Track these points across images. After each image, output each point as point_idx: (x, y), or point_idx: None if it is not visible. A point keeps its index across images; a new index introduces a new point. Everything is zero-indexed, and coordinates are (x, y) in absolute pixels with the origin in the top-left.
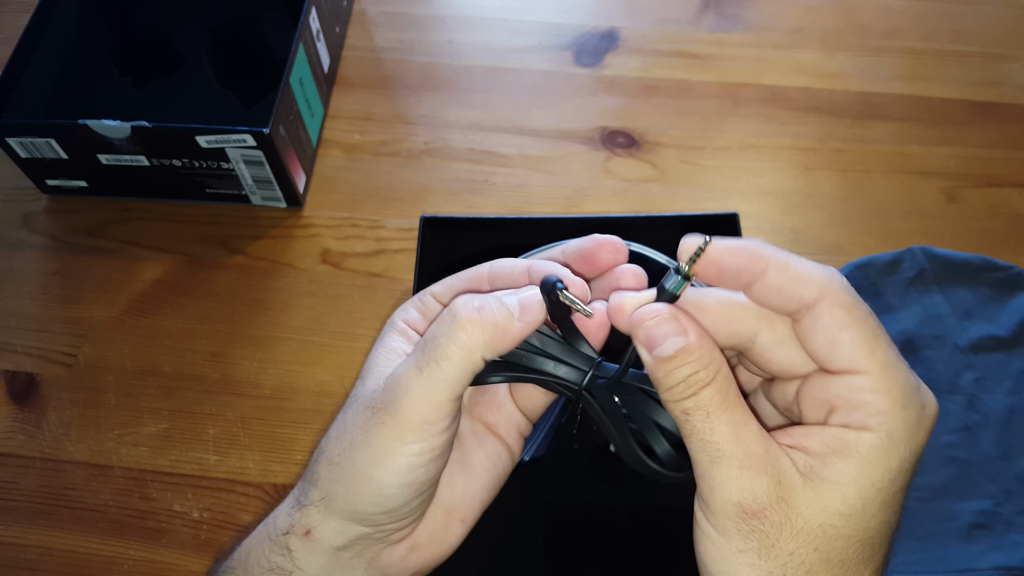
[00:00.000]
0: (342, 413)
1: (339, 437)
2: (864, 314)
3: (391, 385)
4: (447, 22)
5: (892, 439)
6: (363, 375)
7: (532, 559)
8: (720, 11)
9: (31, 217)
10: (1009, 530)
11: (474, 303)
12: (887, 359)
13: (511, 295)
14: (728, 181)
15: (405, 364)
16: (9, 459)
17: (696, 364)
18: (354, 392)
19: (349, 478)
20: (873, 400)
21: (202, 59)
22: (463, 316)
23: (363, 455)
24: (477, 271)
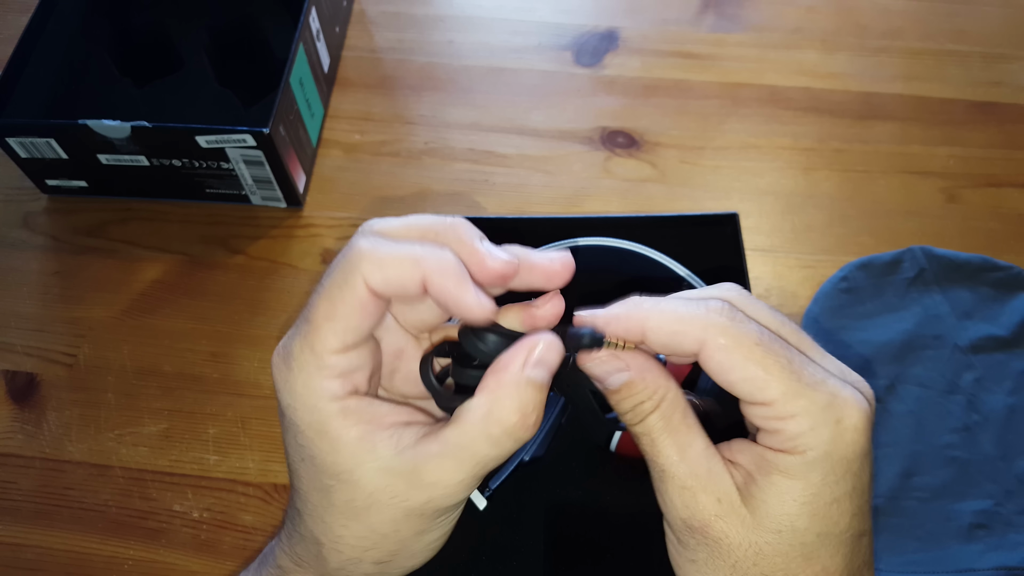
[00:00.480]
0: (345, 517)
1: (379, 545)
2: (750, 347)
3: (440, 494)
4: (447, 22)
5: (807, 460)
6: (317, 470)
7: (532, 559)
8: (720, 11)
9: (31, 217)
10: (1009, 530)
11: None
12: (784, 386)
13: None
14: (728, 181)
15: (447, 473)
16: (9, 459)
17: (639, 396)
18: (318, 488)
19: (410, 561)
20: (781, 427)
21: (202, 59)
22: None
23: (421, 542)
24: (347, 286)
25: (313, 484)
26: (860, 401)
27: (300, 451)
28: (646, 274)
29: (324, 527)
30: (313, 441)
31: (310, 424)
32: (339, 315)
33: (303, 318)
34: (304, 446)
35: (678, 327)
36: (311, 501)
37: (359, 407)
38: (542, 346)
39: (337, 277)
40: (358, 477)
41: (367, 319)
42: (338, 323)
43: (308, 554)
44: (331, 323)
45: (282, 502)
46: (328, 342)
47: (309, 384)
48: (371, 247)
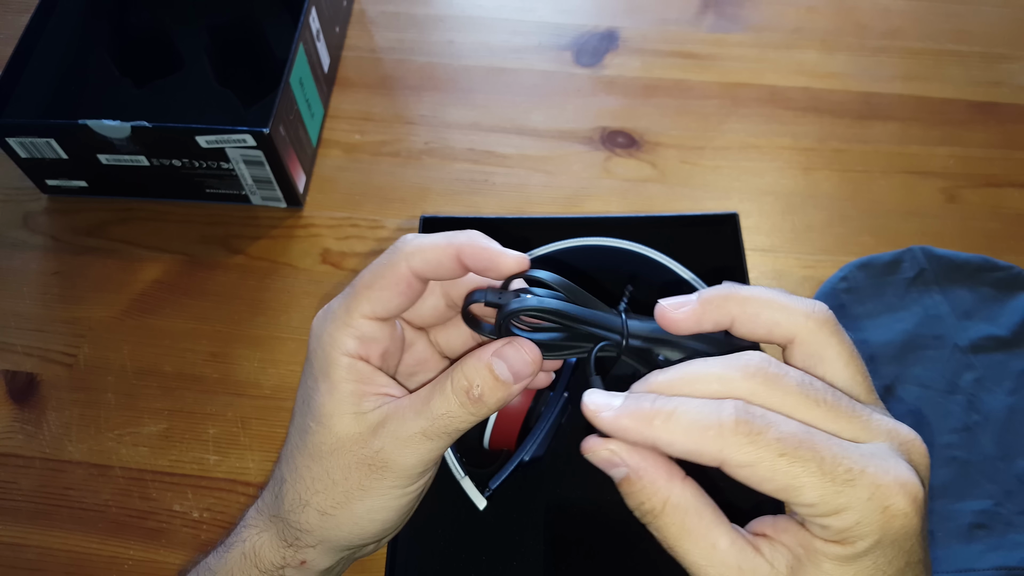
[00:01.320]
0: (310, 458)
1: (327, 490)
2: (774, 459)
3: (394, 447)
4: (447, 22)
5: (857, 548)
6: (308, 411)
7: (532, 559)
8: (720, 11)
9: (31, 217)
10: (1009, 530)
11: (475, 391)
12: (822, 490)
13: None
14: (728, 181)
15: (405, 427)
16: (9, 459)
17: (639, 496)
18: (301, 429)
19: (350, 524)
20: (827, 523)
21: (202, 59)
22: (470, 405)
23: (363, 505)
24: (395, 274)
25: (298, 425)
26: (906, 480)
27: (304, 391)
28: (646, 274)
29: (291, 466)
30: (316, 381)
31: (320, 367)
32: (377, 286)
33: (350, 285)
34: (309, 386)
35: (693, 447)
36: (291, 441)
37: (363, 370)
38: (512, 345)
39: (384, 258)
40: (335, 423)
41: (399, 297)
42: (374, 292)
43: (270, 495)
44: (369, 291)
45: None
46: (361, 306)
47: (333, 335)
48: (414, 237)
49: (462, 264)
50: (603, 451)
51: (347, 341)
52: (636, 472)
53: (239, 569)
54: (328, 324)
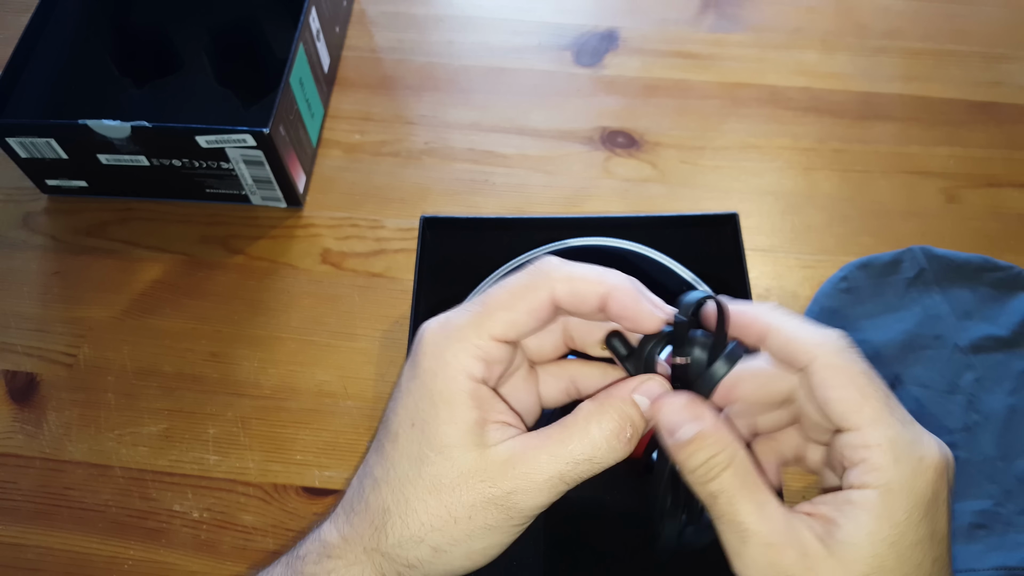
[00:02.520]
0: (427, 492)
1: (445, 528)
2: (856, 373)
3: (527, 490)
4: (447, 22)
5: (891, 493)
6: (424, 438)
7: (532, 559)
8: (720, 11)
9: (31, 217)
10: (1009, 530)
11: (626, 434)
12: (877, 414)
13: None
14: (728, 181)
15: (540, 469)
16: (9, 459)
17: (713, 447)
18: (415, 458)
19: (462, 559)
20: (867, 456)
21: (202, 59)
22: (618, 445)
23: (483, 543)
24: (537, 300)
25: (408, 452)
26: (940, 446)
27: (415, 414)
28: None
29: (401, 497)
30: (436, 407)
31: (441, 392)
32: (515, 309)
33: (477, 301)
34: (423, 410)
35: (797, 335)
36: (398, 469)
37: (485, 395)
38: (651, 381)
39: (526, 279)
40: (458, 455)
41: (534, 323)
42: (510, 315)
43: (365, 525)
44: (504, 313)
45: (282, 502)
46: (495, 328)
47: (459, 356)
48: (562, 263)
49: (603, 307)
50: (682, 404)
51: (474, 364)
52: (714, 422)
53: None
54: (452, 342)
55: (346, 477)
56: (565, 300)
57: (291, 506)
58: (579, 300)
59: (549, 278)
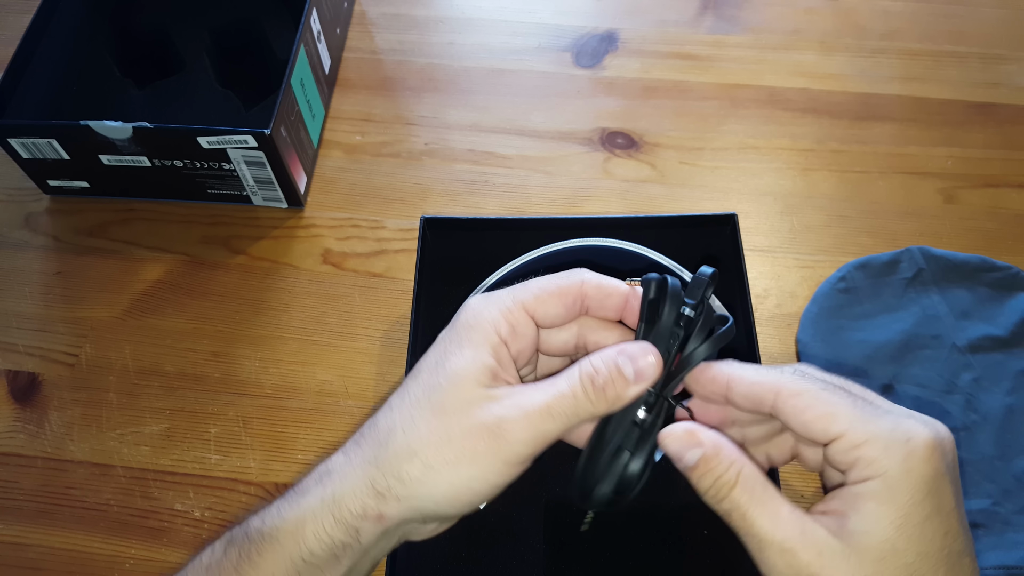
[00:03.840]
0: (432, 412)
1: (440, 444)
2: (817, 391)
3: (517, 419)
4: (447, 24)
5: (889, 478)
6: (441, 370)
7: (532, 559)
8: (719, 13)
9: (33, 217)
10: (1007, 529)
11: (599, 379)
12: (851, 416)
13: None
14: (727, 182)
15: (531, 399)
16: (11, 459)
17: (718, 469)
18: (428, 386)
19: (446, 485)
20: (858, 455)
21: (203, 60)
22: (591, 391)
23: (468, 470)
24: (568, 283)
25: (425, 382)
26: (927, 425)
27: (438, 355)
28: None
29: (408, 415)
30: (460, 346)
31: (469, 335)
32: (547, 291)
33: (519, 284)
34: (449, 350)
35: (757, 380)
36: (411, 395)
37: (503, 355)
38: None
39: (561, 275)
40: (466, 386)
41: (561, 308)
42: (543, 295)
43: (370, 442)
44: (539, 292)
45: None
46: (527, 300)
47: (493, 313)
48: (593, 272)
49: (624, 309)
50: (680, 432)
51: (503, 323)
52: (715, 447)
53: (314, 515)
54: (490, 304)
55: None
56: (593, 296)
57: None
58: (604, 296)
59: (581, 275)
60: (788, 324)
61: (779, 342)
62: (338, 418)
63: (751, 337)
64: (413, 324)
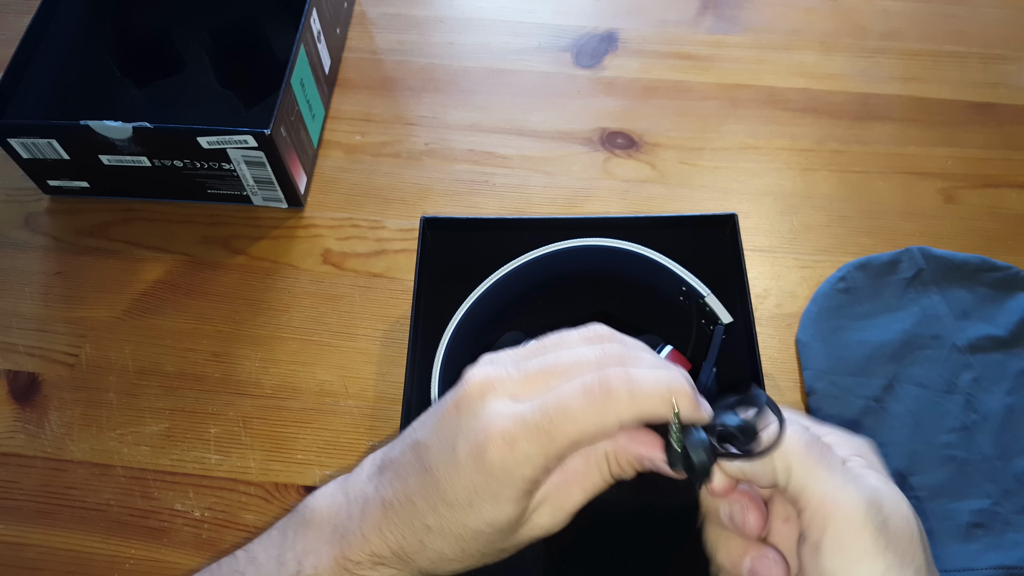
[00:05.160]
0: (479, 554)
1: (468, 559)
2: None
3: (553, 525)
4: (447, 24)
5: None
6: (475, 513)
7: (532, 558)
8: (719, 13)
9: (33, 217)
10: (1007, 529)
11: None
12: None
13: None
14: (727, 182)
15: (572, 499)
16: (11, 458)
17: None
18: (457, 516)
19: (474, 564)
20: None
21: (203, 60)
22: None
23: (492, 559)
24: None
25: (466, 523)
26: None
27: (477, 501)
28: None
29: (459, 549)
30: (501, 504)
31: (508, 495)
32: (584, 443)
33: (542, 428)
34: (487, 501)
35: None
36: (455, 532)
37: (539, 483)
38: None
39: (593, 415)
40: (512, 529)
41: (600, 438)
42: (579, 446)
43: (422, 558)
44: (574, 447)
45: (283, 501)
46: (562, 453)
47: (527, 473)
48: (629, 391)
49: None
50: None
51: (541, 477)
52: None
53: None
54: (522, 465)
55: None
56: (631, 426)
57: (292, 505)
58: (646, 420)
59: (617, 409)
60: (788, 324)
61: (779, 342)
62: (338, 418)
63: (751, 337)
64: (413, 324)
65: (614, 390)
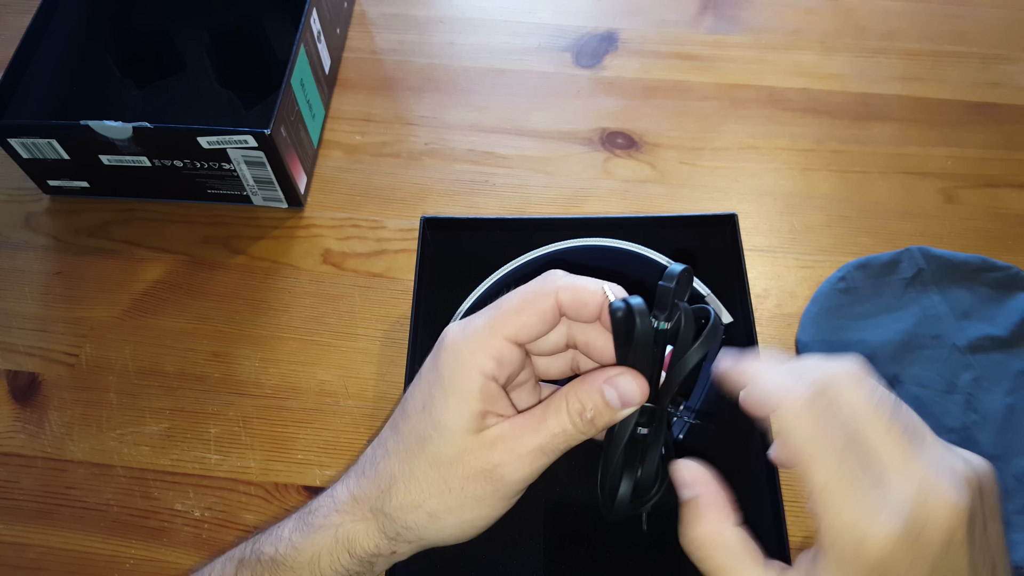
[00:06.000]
0: (429, 464)
1: (441, 496)
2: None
3: (512, 462)
4: (447, 24)
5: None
6: (430, 419)
7: (532, 559)
8: (719, 13)
9: (33, 217)
10: (1008, 529)
11: (587, 415)
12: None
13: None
14: (727, 182)
15: (524, 443)
16: (11, 458)
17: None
18: (420, 435)
19: (452, 528)
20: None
21: (203, 60)
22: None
23: (472, 512)
24: (543, 298)
25: (417, 430)
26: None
27: (424, 396)
28: (646, 275)
29: (406, 468)
30: (446, 395)
31: (453, 383)
32: (525, 312)
33: (492, 306)
34: (435, 396)
35: (767, 391)
36: (406, 443)
37: (492, 391)
38: (623, 375)
39: (535, 286)
40: (459, 437)
41: (543, 325)
42: (521, 317)
43: (372, 488)
44: (516, 316)
45: (283, 501)
46: (507, 329)
47: (475, 354)
48: (566, 274)
49: (601, 313)
50: (685, 471)
51: (487, 362)
52: (704, 499)
53: (329, 551)
54: (470, 342)
55: None
56: (568, 304)
57: (292, 505)
58: (580, 304)
59: (554, 285)
60: (788, 324)
61: (779, 342)
62: (338, 418)
63: (751, 337)
64: (413, 324)
65: (554, 272)
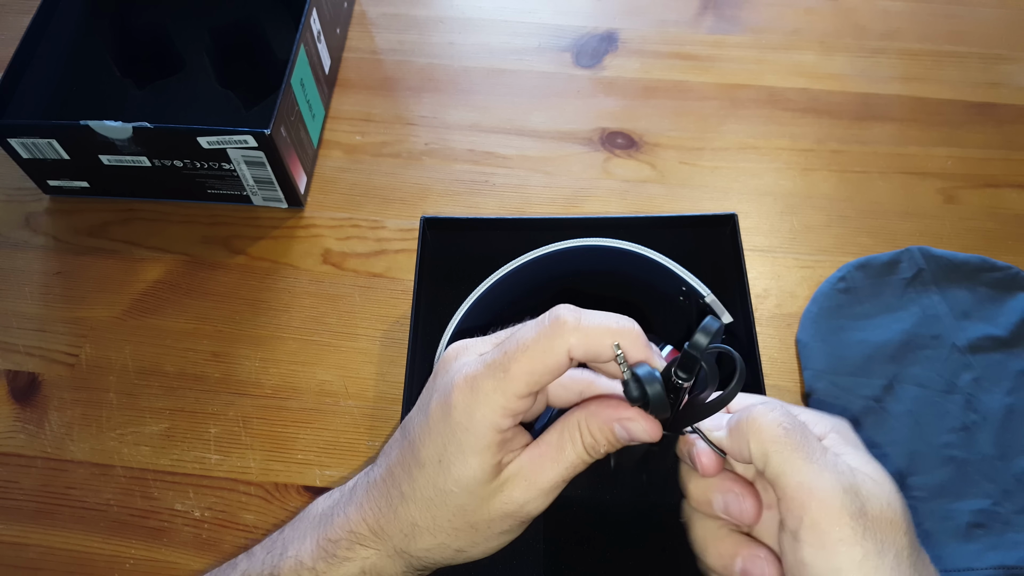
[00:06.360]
0: (453, 515)
1: (468, 537)
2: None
3: (534, 498)
4: (447, 24)
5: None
6: (450, 475)
7: (532, 558)
8: (719, 13)
9: (33, 217)
10: (1007, 529)
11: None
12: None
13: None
14: (727, 182)
15: (543, 478)
16: (11, 459)
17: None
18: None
19: (479, 555)
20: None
21: (203, 60)
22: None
23: (497, 542)
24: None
25: (435, 482)
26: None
27: (443, 453)
28: (646, 275)
29: (428, 516)
30: (465, 455)
31: (471, 443)
32: (537, 372)
33: (500, 363)
34: (451, 453)
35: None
36: (425, 493)
37: (508, 437)
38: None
39: (544, 338)
40: (480, 488)
41: (553, 377)
42: (533, 378)
43: (395, 531)
44: (528, 377)
45: (283, 501)
46: (519, 390)
47: (488, 416)
48: (575, 315)
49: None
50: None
51: (502, 421)
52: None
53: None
54: (482, 406)
55: (347, 476)
56: (579, 357)
57: (292, 505)
58: (592, 357)
59: (564, 334)
60: (788, 324)
61: (779, 342)
62: (338, 418)
63: (751, 337)
64: (413, 324)
65: (562, 318)
